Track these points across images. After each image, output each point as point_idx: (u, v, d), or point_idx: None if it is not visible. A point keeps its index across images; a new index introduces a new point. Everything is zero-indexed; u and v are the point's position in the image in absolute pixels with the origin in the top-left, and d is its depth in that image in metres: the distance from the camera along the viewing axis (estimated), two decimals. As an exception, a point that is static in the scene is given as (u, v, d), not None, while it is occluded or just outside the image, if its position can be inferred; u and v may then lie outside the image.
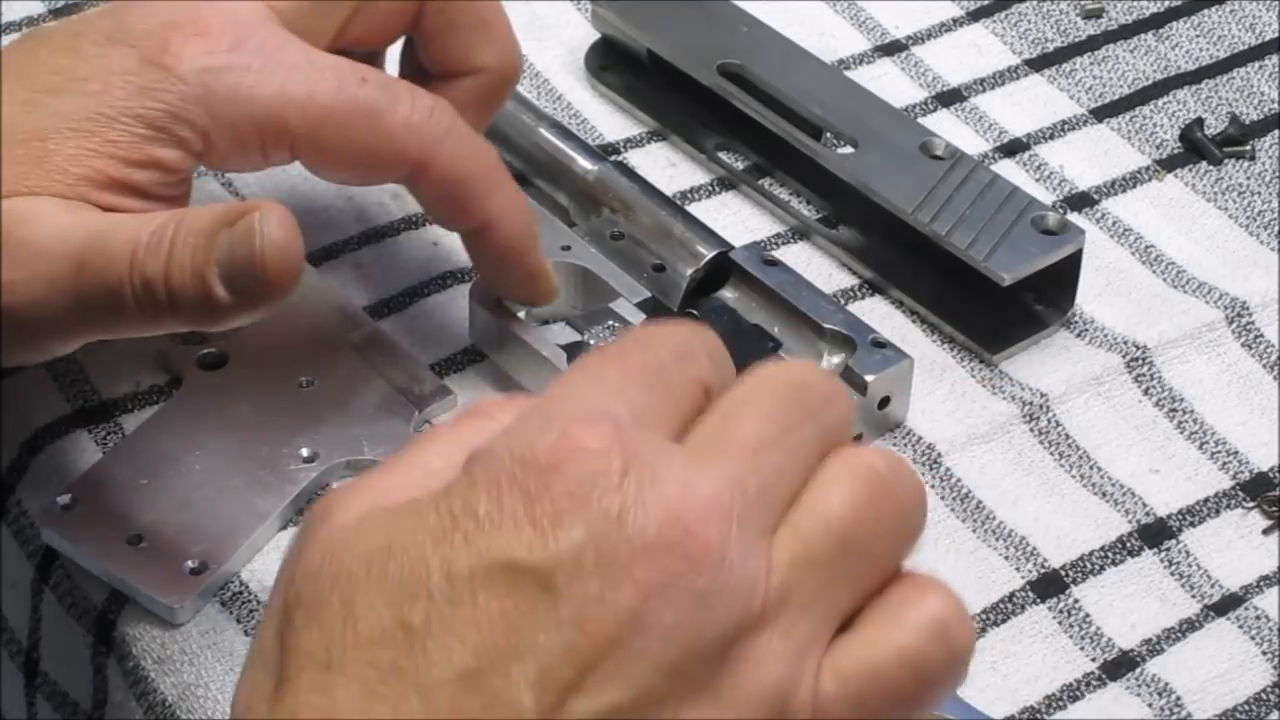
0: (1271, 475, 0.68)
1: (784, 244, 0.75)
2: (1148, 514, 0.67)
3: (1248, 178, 0.78)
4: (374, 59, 0.70)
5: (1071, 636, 0.63)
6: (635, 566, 0.43)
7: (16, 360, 0.64)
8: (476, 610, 0.42)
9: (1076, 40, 0.83)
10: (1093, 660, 0.63)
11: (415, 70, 0.69)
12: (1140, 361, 0.71)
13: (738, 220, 0.76)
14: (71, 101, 0.60)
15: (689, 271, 0.70)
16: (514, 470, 0.44)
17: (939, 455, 0.68)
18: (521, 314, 0.70)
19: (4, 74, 0.62)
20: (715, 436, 0.46)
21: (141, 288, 0.58)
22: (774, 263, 0.71)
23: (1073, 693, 0.62)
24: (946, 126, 0.79)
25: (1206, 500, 0.68)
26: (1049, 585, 0.65)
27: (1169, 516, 0.67)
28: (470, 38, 0.68)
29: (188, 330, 0.60)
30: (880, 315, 0.72)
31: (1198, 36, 0.84)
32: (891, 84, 0.81)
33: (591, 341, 0.67)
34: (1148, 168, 0.79)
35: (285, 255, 0.57)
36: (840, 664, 0.45)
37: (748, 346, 0.68)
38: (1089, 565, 0.65)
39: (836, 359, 0.68)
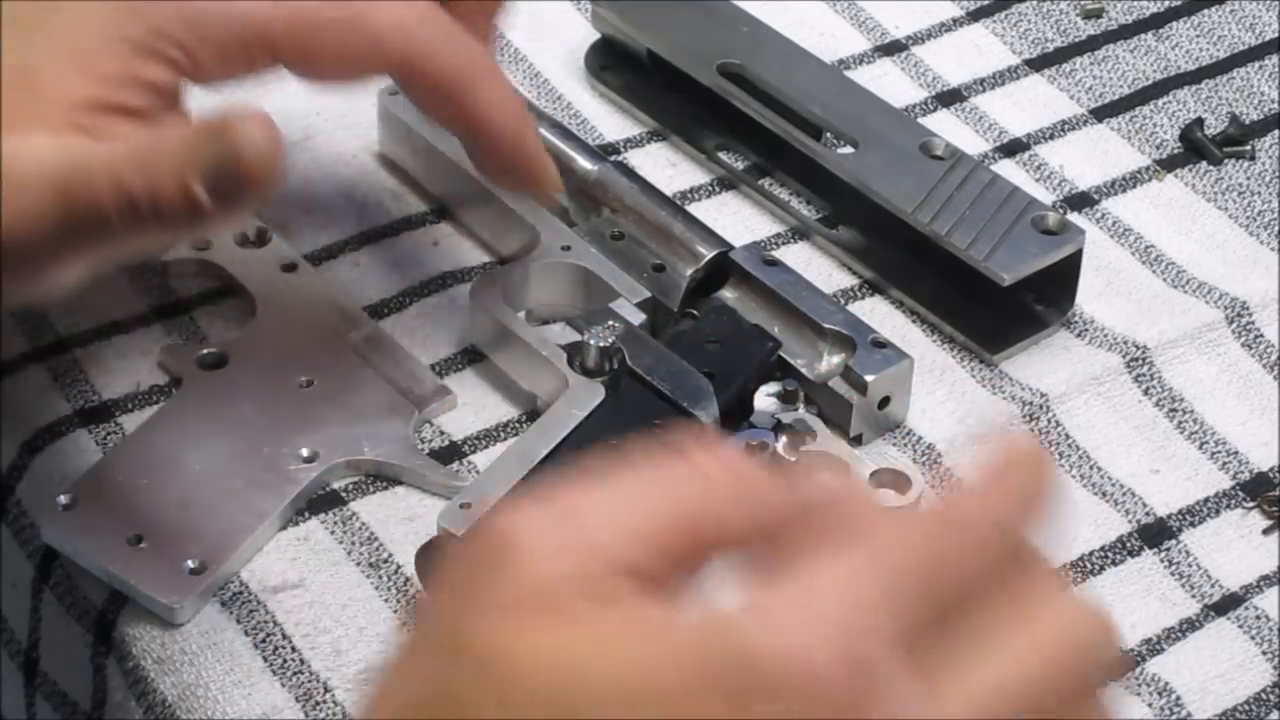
0: (1271, 475, 0.68)
1: (784, 244, 0.75)
2: (1148, 514, 0.67)
3: (1248, 178, 0.78)
4: None
5: (1071, 636, 0.63)
6: None
7: (22, 297, 0.63)
8: None
9: (1076, 40, 0.83)
10: (1093, 660, 0.63)
11: None
12: (1140, 361, 0.71)
13: (738, 220, 0.76)
14: (57, 35, 0.60)
15: (689, 271, 0.70)
16: (740, 663, 0.40)
17: (939, 455, 0.68)
18: (522, 314, 0.70)
19: None
20: (981, 689, 0.42)
21: (126, 203, 0.57)
22: (774, 263, 0.71)
23: (1073, 693, 0.62)
24: (946, 126, 0.79)
25: (1206, 500, 0.68)
26: (1049, 585, 0.65)
27: (1169, 516, 0.67)
28: None
29: (176, 240, 0.60)
30: (880, 315, 0.72)
31: (1198, 36, 0.84)
32: (891, 84, 0.81)
33: (591, 341, 0.67)
34: (1148, 168, 0.79)
35: (265, 154, 0.57)
36: None
37: (748, 346, 0.68)
38: (1089, 565, 0.65)
39: (836, 359, 0.68)
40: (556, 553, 0.42)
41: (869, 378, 0.67)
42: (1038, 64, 0.82)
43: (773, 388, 0.68)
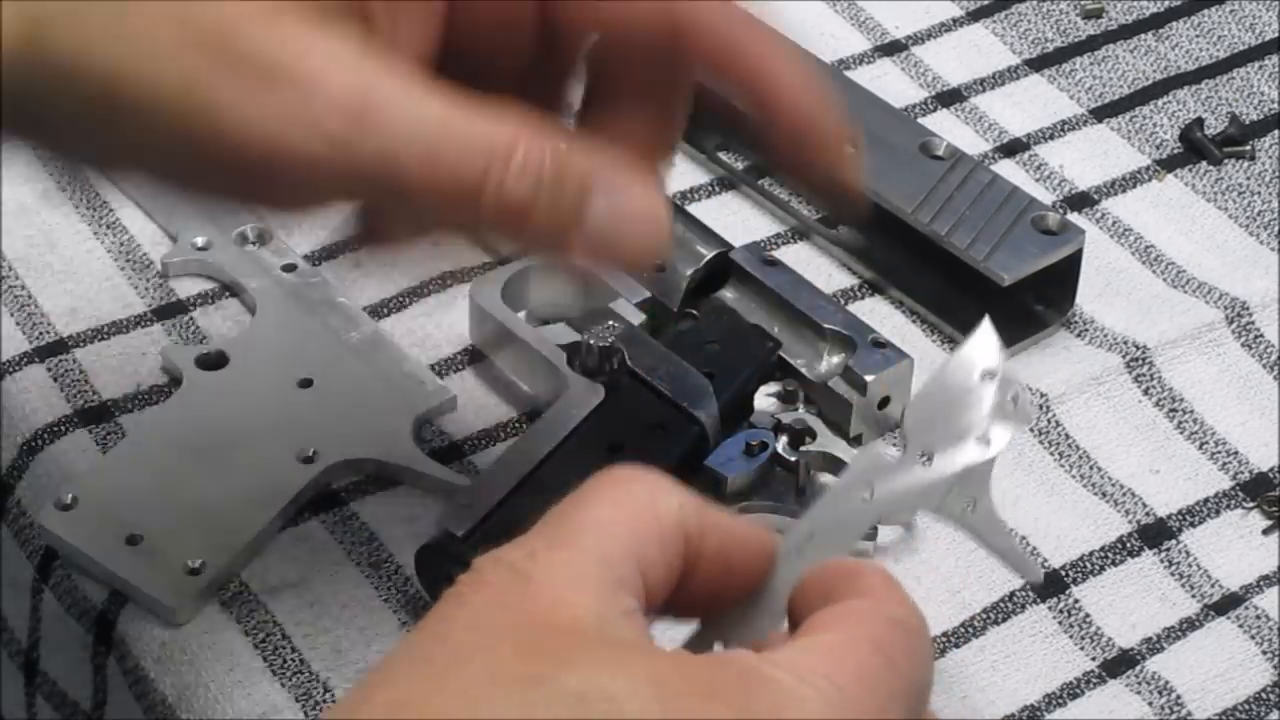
0: (1271, 475, 0.68)
1: (784, 244, 0.75)
2: (1148, 514, 0.67)
3: (1248, 178, 0.78)
4: None
5: (1072, 636, 0.63)
6: None
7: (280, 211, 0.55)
8: None
9: (1076, 40, 0.83)
10: (1093, 659, 0.63)
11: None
12: (1140, 361, 0.71)
13: (738, 220, 0.76)
14: None
15: (689, 271, 0.70)
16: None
17: (939, 455, 0.68)
18: (522, 314, 0.70)
19: None
20: None
21: (495, 207, 0.50)
22: (774, 263, 0.71)
23: (1073, 690, 0.62)
24: (946, 126, 0.79)
25: (1206, 500, 0.68)
26: (1049, 585, 0.65)
27: (1169, 517, 0.67)
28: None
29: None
30: (880, 315, 0.72)
31: (1198, 36, 0.84)
32: (891, 84, 0.81)
33: (592, 342, 0.67)
34: (1148, 168, 0.79)
35: (646, 248, 0.54)
36: None
37: (748, 346, 0.68)
38: (1089, 565, 0.65)
39: (836, 359, 0.68)
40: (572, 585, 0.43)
41: (869, 378, 0.67)
42: (1038, 64, 0.82)
43: (773, 388, 0.68)
